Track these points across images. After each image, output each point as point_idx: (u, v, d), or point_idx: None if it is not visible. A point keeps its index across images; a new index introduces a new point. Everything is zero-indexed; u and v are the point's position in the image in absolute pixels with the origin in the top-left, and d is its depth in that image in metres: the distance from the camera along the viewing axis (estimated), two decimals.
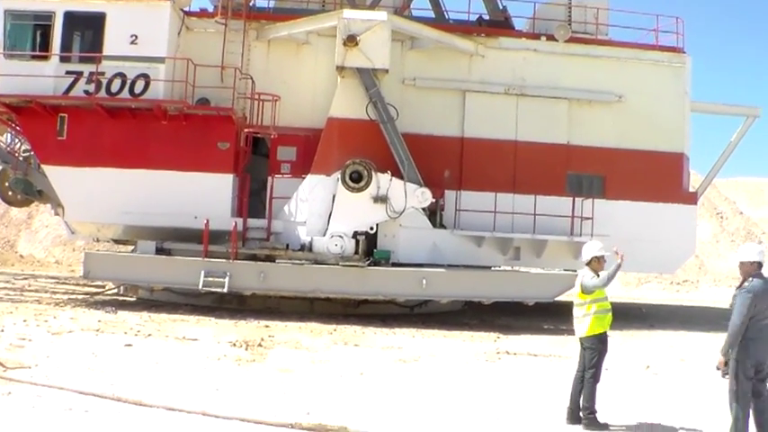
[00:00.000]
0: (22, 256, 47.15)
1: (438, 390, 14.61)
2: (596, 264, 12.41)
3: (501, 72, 27.95)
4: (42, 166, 26.74)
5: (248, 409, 11.87)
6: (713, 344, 21.30)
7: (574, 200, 26.83)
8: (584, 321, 12.16)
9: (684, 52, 29.14)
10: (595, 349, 12.14)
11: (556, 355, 19.12)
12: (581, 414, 12.02)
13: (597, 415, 11.98)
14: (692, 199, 29.30)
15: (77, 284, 32.20)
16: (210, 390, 13.41)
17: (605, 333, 12.24)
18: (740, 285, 10.37)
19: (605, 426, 11.93)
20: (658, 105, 28.39)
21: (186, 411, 11.61)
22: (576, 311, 12.34)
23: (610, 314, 12.29)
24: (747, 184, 71.00)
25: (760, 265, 10.40)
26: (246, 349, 18.11)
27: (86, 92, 25.73)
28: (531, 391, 14.84)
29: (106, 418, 11.08)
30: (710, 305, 33.88)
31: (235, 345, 18.59)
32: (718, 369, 10.28)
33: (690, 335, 24.65)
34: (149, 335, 19.49)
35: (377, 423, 11.57)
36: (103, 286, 30.25)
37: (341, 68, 25.94)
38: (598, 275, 12.14)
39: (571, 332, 12.66)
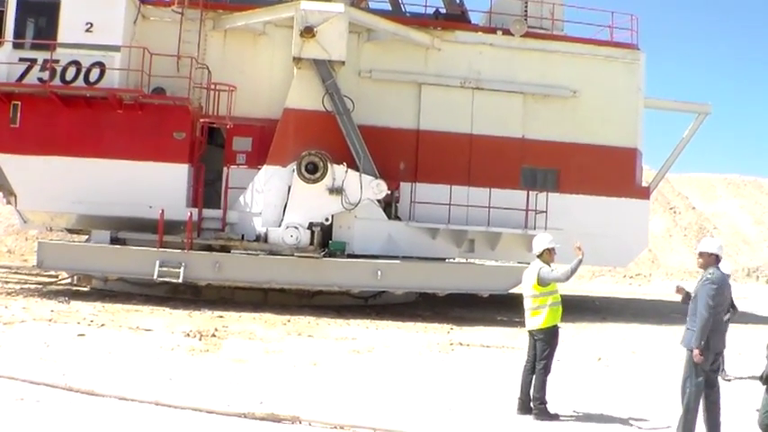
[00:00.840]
0: None
1: (391, 380, 14.69)
2: (547, 255, 12.57)
3: (457, 65, 28.10)
4: None
5: (201, 399, 11.85)
6: (664, 336, 21.71)
7: (528, 193, 27.03)
8: (540, 314, 12.26)
9: (638, 49, 29.53)
10: (548, 341, 12.27)
11: (509, 347, 19.27)
12: (531, 404, 12.15)
13: (548, 405, 12.11)
14: (644, 193, 29.66)
15: (30, 274, 31.89)
16: (164, 380, 13.37)
17: (557, 325, 12.39)
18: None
19: (555, 416, 12.07)
20: (612, 101, 28.74)
21: (139, 401, 11.56)
22: (528, 303, 12.42)
23: (560, 307, 12.44)
24: (700, 179, 71.82)
25: (718, 258, 10.58)
26: (200, 339, 18.08)
27: (40, 79, 25.39)
28: (482, 381, 14.96)
29: (58, 407, 11.00)
30: (663, 298, 34.25)
31: (189, 335, 18.53)
32: (697, 364, 10.33)
33: (642, 327, 24.94)
34: (102, 325, 19.38)
35: (329, 412, 11.61)
36: (56, 276, 30.04)
37: (297, 60, 25.95)
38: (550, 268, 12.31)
39: (524, 324, 12.77)
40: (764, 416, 9.70)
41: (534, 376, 12.24)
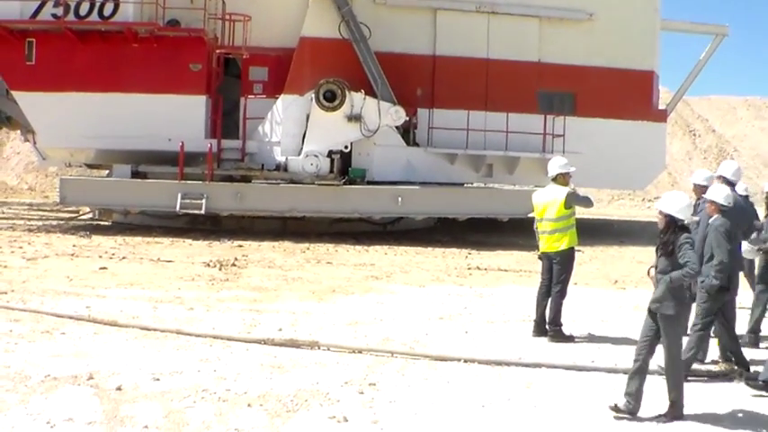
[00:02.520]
0: None
1: (408, 304, 14.88)
2: (562, 179, 12.57)
3: None
4: (12, 92, 26.53)
5: (221, 328, 12.10)
6: None
7: (545, 117, 26.91)
8: (563, 236, 12.32)
9: None
10: (565, 264, 12.38)
11: (525, 271, 19.40)
12: (547, 327, 12.29)
13: (563, 328, 12.25)
14: (661, 116, 29.56)
15: (51, 210, 32.19)
16: (184, 309, 13.61)
17: (574, 248, 12.48)
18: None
19: (571, 338, 12.21)
20: (628, 23, 28.40)
21: (161, 330, 11.80)
22: (547, 227, 12.42)
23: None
24: (720, 102, 71.11)
25: (705, 189, 10.68)
26: (220, 269, 18.32)
27: (54, 15, 25.40)
28: (498, 305, 15.10)
29: (83, 339, 11.25)
30: None
31: (209, 265, 18.80)
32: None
33: None
34: (124, 257, 19.65)
35: (347, 337, 11.82)
36: (77, 211, 30.32)
37: None
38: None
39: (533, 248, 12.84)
40: None
41: (550, 299, 12.36)
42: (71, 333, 11.53)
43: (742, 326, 11.68)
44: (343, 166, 26.02)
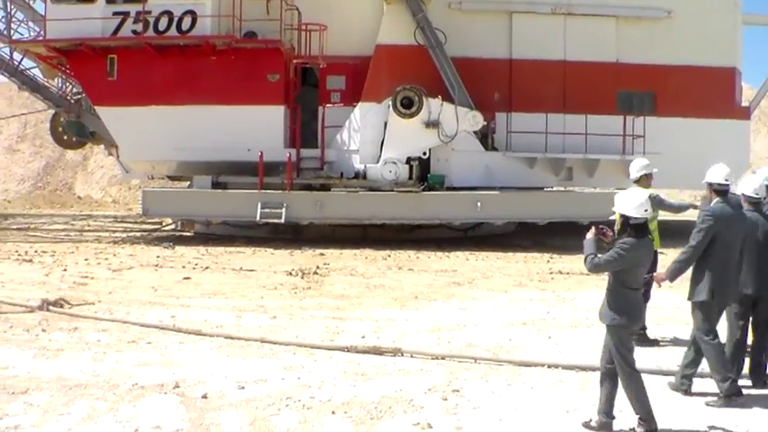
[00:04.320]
0: (79, 197, 47.84)
1: (489, 309, 14.82)
2: (645, 181, 12.37)
3: None
4: (95, 107, 27.09)
5: (304, 336, 12.17)
6: None
7: (625, 118, 26.55)
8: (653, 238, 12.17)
9: None
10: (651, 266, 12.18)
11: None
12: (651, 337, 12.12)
13: (647, 331, 12.06)
14: (744, 114, 28.99)
15: (135, 222, 32.70)
16: (267, 318, 13.71)
17: (656, 251, 12.25)
18: None
19: (655, 341, 12.02)
20: (708, 19, 27.83)
21: (244, 339, 11.91)
22: None
23: None
24: None
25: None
26: (302, 278, 18.44)
27: (134, 31, 25.94)
28: (580, 309, 14.93)
29: (169, 348, 11.43)
30: None
31: (291, 274, 18.93)
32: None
33: None
34: (207, 267, 19.90)
35: (430, 344, 11.79)
36: (160, 223, 30.77)
37: None
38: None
39: None
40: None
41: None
42: (157, 342, 11.71)
43: None
44: (422, 173, 26.01)
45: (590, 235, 8.32)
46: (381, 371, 10.23)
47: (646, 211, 8.16)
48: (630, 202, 8.19)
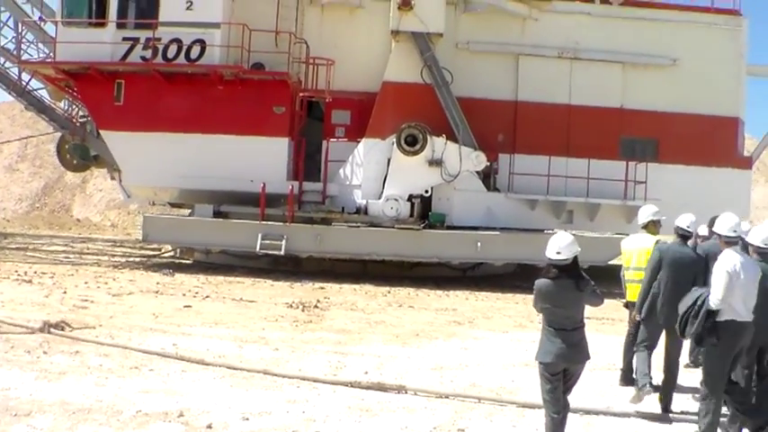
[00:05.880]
0: (78, 219, 47.85)
1: (491, 350, 14.84)
2: (653, 227, 12.45)
3: (554, 36, 27.68)
4: (100, 131, 27.13)
5: (307, 369, 12.15)
6: None
7: (627, 164, 26.64)
8: None
9: (740, 14, 28.68)
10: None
11: (609, 319, 19.13)
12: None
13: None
14: (746, 163, 29.05)
15: (133, 247, 32.67)
16: (270, 350, 13.69)
17: None
18: None
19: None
20: (713, 69, 27.93)
21: (247, 370, 11.90)
22: (635, 275, 12.18)
23: None
24: None
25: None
26: (303, 311, 18.43)
27: (143, 58, 25.98)
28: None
29: (171, 376, 11.42)
30: None
31: (291, 306, 18.93)
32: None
33: None
34: (207, 297, 19.89)
35: (433, 382, 11.78)
36: (159, 249, 30.74)
37: (395, 33, 26.06)
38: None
39: (616, 296, 12.65)
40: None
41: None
42: (159, 369, 11.70)
43: None
44: (424, 211, 26.02)
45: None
46: (386, 407, 10.24)
47: (558, 253, 8.31)
48: (549, 245, 8.46)
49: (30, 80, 29.45)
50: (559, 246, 8.31)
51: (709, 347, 9.39)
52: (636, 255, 12.18)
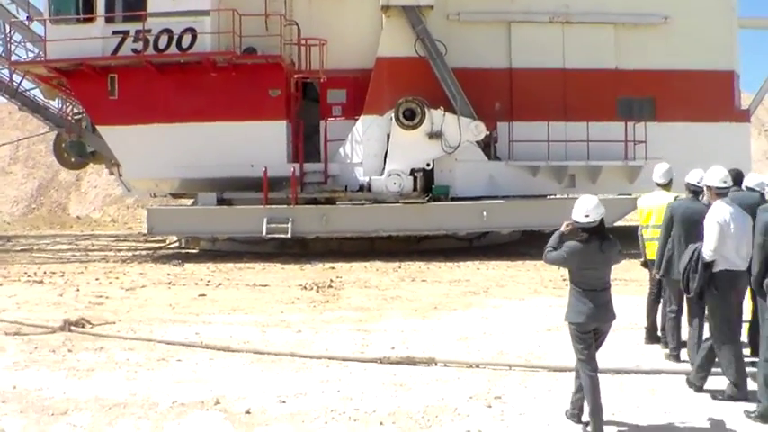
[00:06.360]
0: (78, 217, 47.73)
1: (511, 317, 14.86)
2: (669, 185, 12.46)
3: (545, 1, 27.64)
4: (96, 127, 27.06)
5: (334, 349, 12.18)
6: None
7: (626, 124, 26.65)
8: None
9: None
10: None
11: (621, 279, 19.16)
12: (659, 333, 12.13)
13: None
14: (744, 117, 29.12)
15: (137, 241, 32.64)
16: (293, 332, 13.70)
17: None
18: None
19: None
20: (705, 24, 27.93)
21: (274, 354, 11.90)
22: (655, 233, 12.16)
23: None
24: None
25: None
26: (317, 291, 18.42)
27: (134, 50, 25.88)
28: None
29: (200, 365, 11.43)
30: None
31: (305, 288, 18.89)
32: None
33: None
34: (220, 284, 19.84)
35: (461, 353, 11.81)
36: (164, 240, 30.71)
37: (386, 8, 26.01)
38: None
39: (634, 256, 12.65)
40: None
41: (660, 306, 12.22)
42: (186, 359, 11.69)
43: None
44: (426, 184, 26.02)
45: (563, 229, 8.76)
46: (418, 381, 10.25)
47: (586, 216, 8.40)
48: (575, 208, 8.57)
49: (21, 81, 29.31)
50: (587, 208, 8.38)
51: (710, 299, 9.61)
52: (656, 212, 12.14)
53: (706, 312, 10.02)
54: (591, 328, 8.51)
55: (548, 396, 9.56)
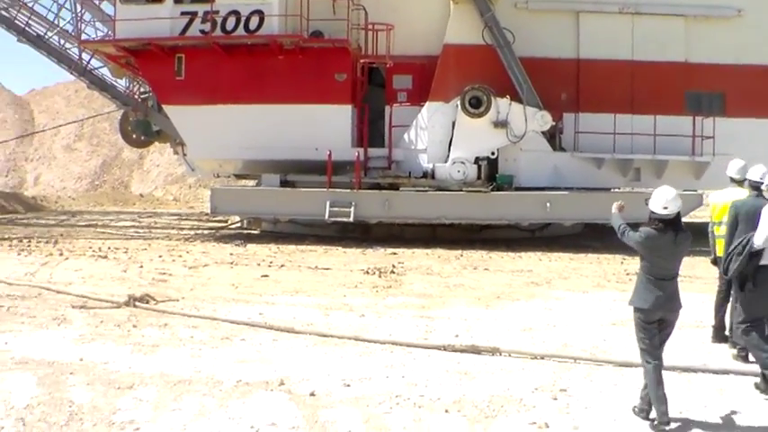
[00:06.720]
0: (141, 195, 48.31)
1: (575, 310, 14.74)
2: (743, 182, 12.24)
3: None
4: (163, 106, 27.32)
5: (397, 334, 12.14)
6: None
7: (694, 118, 26.23)
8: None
9: None
10: None
11: (687, 276, 18.92)
12: (728, 333, 11.96)
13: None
14: None
15: (200, 220, 32.99)
16: (356, 316, 13.70)
17: None
18: None
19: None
20: None
21: (338, 337, 11.90)
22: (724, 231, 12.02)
23: None
24: None
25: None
26: (380, 276, 18.42)
27: (202, 31, 26.10)
28: None
29: (264, 345, 11.47)
30: None
31: (367, 272, 18.93)
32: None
33: None
34: (282, 266, 19.95)
35: (525, 344, 11.72)
36: (226, 221, 30.93)
37: None
38: None
39: (699, 254, 12.47)
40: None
41: (729, 304, 12.02)
42: (250, 339, 11.74)
43: None
44: (490, 173, 25.90)
45: (614, 209, 9.41)
46: (483, 370, 10.19)
47: (665, 208, 8.43)
48: (653, 199, 8.59)
49: (90, 59, 29.68)
50: (666, 200, 8.36)
51: (747, 292, 9.76)
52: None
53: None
54: (656, 317, 8.50)
55: (614, 391, 9.44)
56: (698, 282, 17.10)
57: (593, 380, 9.89)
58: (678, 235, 8.42)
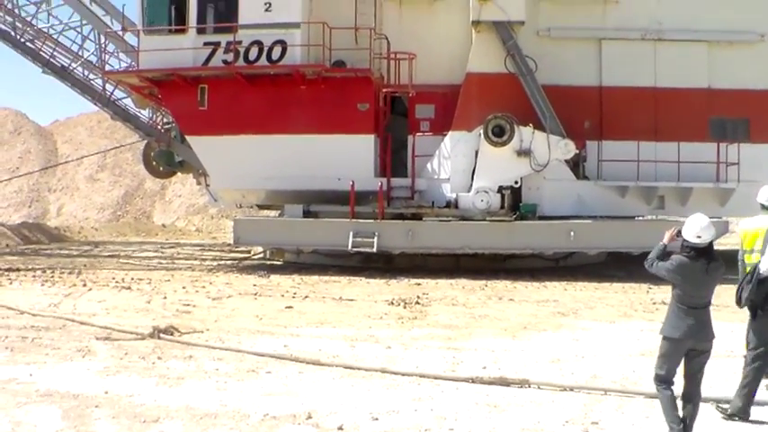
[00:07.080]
0: (164, 225, 48.39)
1: (603, 340, 14.57)
2: None
3: (637, 17, 27.18)
4: (186, 136, 27.37)
5: (424, 366, 12.02)
6: None
7: (718, 145, 26.06)
8: None
9: None
10: None
11: (715, 305, 18.72)
12: None
13: None
14: None
15: (222, 251, 32.96)
16: (382, 348, 13.58)
17: None
18: None
19: None
20: None
21: (365, 369, 11.79)
22: (758, 258, 11.80)
23: None
24: None
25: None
26: (404, 307, 18.28)
27: (225, 61, 26.12)
28: None
29: (290, 378, 11.36)
30: None
31: (392, 303, 18.80)
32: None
33: None
34: (306, 297, 19.85)
35: (553, 375, 11.59)
36: (249, 251, 30.89)
37: (476, 23, 25.87)
38: None
39: (729, 281, 12.34)
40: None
41: None
42: (276, 372, 11.65)
43: None
44: (514, 202, 25.75)
45: (666, 239, 9.00)
46: (512, 402, 10.06)
47: (698, 237, 8.44)
48: (686, 227, 8.58)
49: (114, 90, 29.82)
50: (701, 227, 8.37)
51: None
52: (760, 236, 11.73)
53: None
54: (687, 347, 8.49)
55: (646, 423, 9.30)
56: (725, 310, 16.85)
57: (625, 412, 9.75)
58: (710, 264, 8.36)
